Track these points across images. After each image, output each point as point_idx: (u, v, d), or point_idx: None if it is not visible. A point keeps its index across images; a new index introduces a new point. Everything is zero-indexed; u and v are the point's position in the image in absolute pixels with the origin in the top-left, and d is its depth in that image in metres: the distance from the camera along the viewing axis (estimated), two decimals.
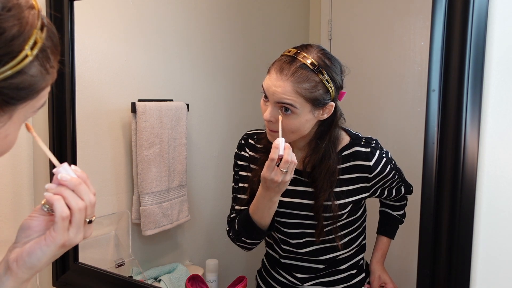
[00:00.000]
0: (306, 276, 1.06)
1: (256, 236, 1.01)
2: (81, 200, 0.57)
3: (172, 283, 1.35)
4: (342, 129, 1.02)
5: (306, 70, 0.88)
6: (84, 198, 0.58)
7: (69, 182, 0.58)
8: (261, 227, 0.99)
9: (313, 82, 0.88)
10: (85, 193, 0.58)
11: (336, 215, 0.98)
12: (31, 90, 0.49)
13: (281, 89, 0.88)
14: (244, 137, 1.10)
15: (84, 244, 1.21)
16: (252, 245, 1.05)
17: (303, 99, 0.88)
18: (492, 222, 0.65)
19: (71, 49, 1.11)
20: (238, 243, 1.05)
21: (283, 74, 0.88)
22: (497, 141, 0.64)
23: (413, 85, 1.45)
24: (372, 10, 1.69)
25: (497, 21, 0.63)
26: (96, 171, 1.26)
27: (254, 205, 0.97)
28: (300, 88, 0.87)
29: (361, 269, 1.11)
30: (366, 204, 1.10)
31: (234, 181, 1.11)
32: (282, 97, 0.88)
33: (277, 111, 0.90)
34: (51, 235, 0.56)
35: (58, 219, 0.56)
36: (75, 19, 1.11)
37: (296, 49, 0.91)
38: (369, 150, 0.99)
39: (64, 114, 1.13)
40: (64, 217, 0.56)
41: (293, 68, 0.88)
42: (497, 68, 0.63)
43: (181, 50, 1.48)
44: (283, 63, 0.89)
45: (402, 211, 1.15)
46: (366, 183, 1.00)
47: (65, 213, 0.56)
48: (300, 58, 0.89)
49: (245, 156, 1.08)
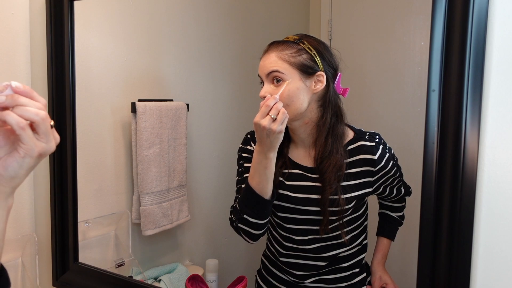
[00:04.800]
0: (307, 274, 1.06)
1: (257, 210, 0.98)
2: (39, 110, 0.57)
3: (172, 283, 1.35)
4: (346, 125, 1.04)
5: (288, 42, 0.98)
6: (38, 105, 0.57)
7: (18, 93, 0.57)
8: (262, 195, 0.96)
9: (294, 48, 0.96)
10: (36, 101, 0.58)
11: (342, 209, 0.98)
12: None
13: (268, 60, 0.97)
14: (250, 133, 1.12)
15: (84, 244, 1.21)
16: (254, 228, 1.00)
17: (287, 64, 0.95)
18: (492, 222, 0.65)
19: (71, 49, 1.11)
20: (240, 225, 1.01)
21: (268, 51, 0.98)
22: (497, 141, 0.64)
23: (413, 85, 1.45)
24: (372, 10, 1.69)
25: (497, 21, 0.63)
26: (96, 171, 1.26)
27: (251, 168, 0.97)
28: (283, 54, 0.95)
29: (363, 268, 1.11)
30: (368, 204, 1.10)
31: (238, 174, 1.10)
32: (268, 67, 0.96)
33: (270, 86, 0.96)
34: (23, 148, 0.56)
35: (18, 130, 0.55)
36: (75, 19, 1.11)
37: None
38: (374, 144, 1.00)
39: (64, 114, 1.13)
40: (22, 127, 0.55)
41: (275, 44, 0.98)
42: (497, 68, 0.63)
43: (181, 50, 1.48)
44: (268, 45, 1.00)
45: (401, 212, 1.16)
46: (370, 177, 1.00)
47: (21, 123, 0.55)
48: (284, 39, 0.99)
49: (250, 149, 1.09)
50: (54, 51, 1.12)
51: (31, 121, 0.56)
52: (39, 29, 1.15)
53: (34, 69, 1.17)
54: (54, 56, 1.13)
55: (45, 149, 0.58)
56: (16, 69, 1.13)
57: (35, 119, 0.56)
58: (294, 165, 1.04)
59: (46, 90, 1.15)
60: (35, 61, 1.16)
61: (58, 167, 1.15)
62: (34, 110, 0.56)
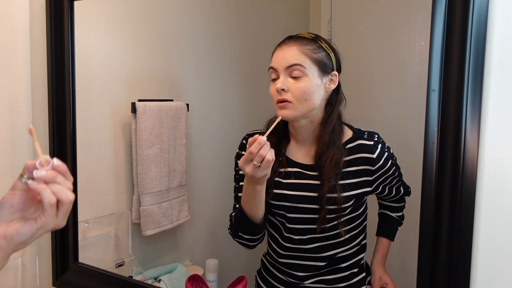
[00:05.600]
0: (307, 274, 1.06)
1: (250, 230, 1.03)
2: (71, 192, 0.61)
3: (172, 283, 1.35)
4: (344, 124, 1.05)
5: (306, 39, 0.98)
6: (70, 186, 0.62)
7: (57, 171, 0.61)
8: (253, 220, 1.00)
9: (314, 45, 0.97)
10: (68, 180, 0.63)
11: (340, 202, 0.98)
12: None
13: (289, 53, 0.96)
14: (245, 137, 1.12)
15: (84, 244, 1.21)
16: (250, 242, 1.06)
17: (309, 59, 0.95)
18: (492, 222, 0.65)
19: (71, 49, 1.11)
20: (236, 239, 1.07)
21: (288, 44, 0.97)
22: (497, 141, 0.64)
23: (413, 85, 1.45)
24: (372, 10, 1.69)
25: (497, 21, 0.63)
26: (96, 171, 1.26)
27: (242, 195, 0.99)
28: (305, 49, 0.96)
29: (362, 268, 1.11)
30: (367, 204, 1.10)
31: (235, 180, 1.12)
32: (291, 60, 0.95)
33: (287, 80, 0.96)
34: (41, 220, 0.60)
35: (47, 206, 0.59)
36: (75, 19, 1.11)
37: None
38: (372, 143, 1.00)
39: (64, 114, 1.13)
40: (52, 204, 0.59)
41: (295, 38, 0.98)
42: (497, 68, 0.63)
43: (181, 50, 1.48)
44: (285, 39, 1.00)
45: (400, 212, 1.16)
46: (369, 176, 1.01)
47: (52, 200, 0.59)
48: (299, 35, 0.99)
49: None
50: (54, 51, 1.13)
51: (60, 200, 0.60)
52: (39, 29, 1.15)
53: (34, 69, 1.17)
54: (54, 56, 1.13)
55: (58, 226, 0.63)
56: (16, 69, 1.13)
57: (65, 201, 0.61)
58: (292, 164, 1.05)
59: (46, 90, 1.15)
60: (35, 61, 1.16)
61: None
62: (67, 192, 0.61)
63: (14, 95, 1.13)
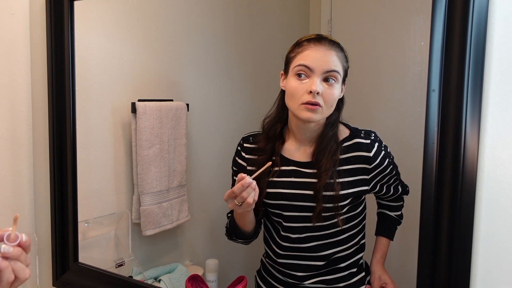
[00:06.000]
0: (306, 274, 1.06)
1: (243, 236, 1.10)
2: (28, 270, 0.65)
3: (172, 283, 1.35)
4: (341, 123, 1.06)
5: (338, 45, 0.98)
6: (29, 263, 0.66)
7: (22, 247, 0.65)
8: (245, 231, 1.08)
9: (344, 53, 0.99)
10: (28, 262, 0.66)
11: (337, 194, 0.99)
12: None
13: (329, 58, 0.95)
14: (240, 142, 1.14)
15: (84, 244, 1.22)
16: (245, 243, 1.14)
17: (342, 67, 0.97)
18: (492, 222, 0.65)
19: (71, 49, 1.11)
20: (231, 240, 1.15)
21: (326, 46, 0.95)
22: (497, 141, 0.64)
23: (413, 85, 1.45)
24: (372, 10, 1.69)
25: (497, 21, 0.63)
26: (96, 171, 1.26)
27: (234, 212, 1.06)
28: (340, 56, 0.97)
29: (361, 268, 1.11)
30: (366, 204, 1.10)
31: (233, 182, 1.15)
32: (332, 65, 0.94)
33: (322, 83, 0.95)
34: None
35: (4, 283, 0.63)
36: (75, 19, 1.11)
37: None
38: (369, 141, 1.01)
39: (64, 114, 1.13)
40: (9, 282, 0.63)
41: (330, 42, 0.97)
42: (497, 68, 0.63)
43: (181, 50, 1.48)
44: (318, 36, 0.97)
45: (399, 211, 1.16)
46: (366, 175, 1.01)
47: (11, 279, 0.63)
48: (331, 38, 0.98)
49: (239, 162, 1.12)
50: (54, 51, 1.13)
51: (18, 277, 0.64)
52: (39, 29, 1.15)
53: (34, 69, 1.17)
54: (54, 56, 1.13)
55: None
56: (16, 69, 1.13)
57: (22, 279, 0.64)
58: (287, 162, 1.05)
59: (46, 90, 1.15)
60: (35, 61, 1.16)
61: (58, 167, 1.15)
62: (26, 270, 0.64)
63: (14, 95, 1.13)
